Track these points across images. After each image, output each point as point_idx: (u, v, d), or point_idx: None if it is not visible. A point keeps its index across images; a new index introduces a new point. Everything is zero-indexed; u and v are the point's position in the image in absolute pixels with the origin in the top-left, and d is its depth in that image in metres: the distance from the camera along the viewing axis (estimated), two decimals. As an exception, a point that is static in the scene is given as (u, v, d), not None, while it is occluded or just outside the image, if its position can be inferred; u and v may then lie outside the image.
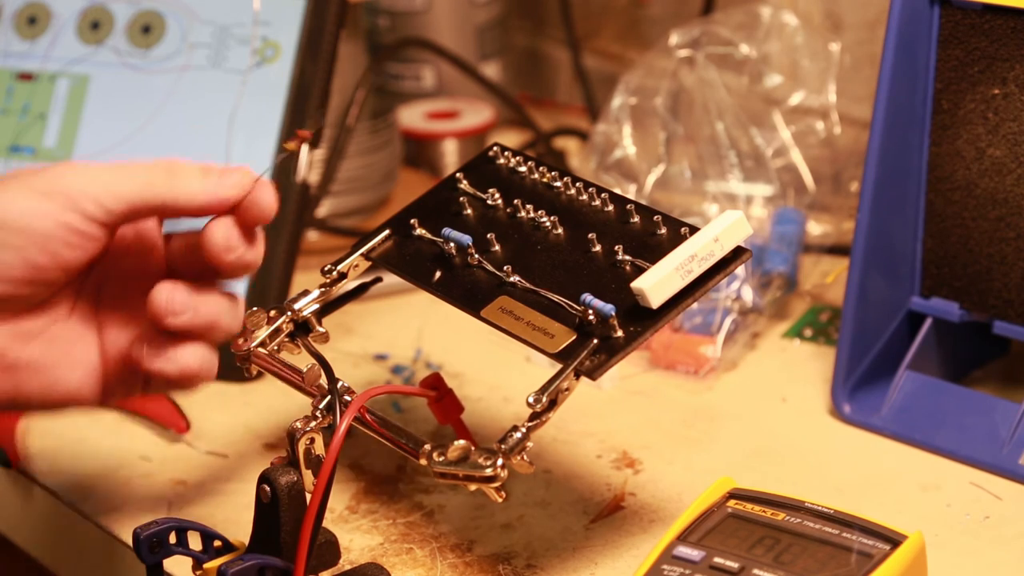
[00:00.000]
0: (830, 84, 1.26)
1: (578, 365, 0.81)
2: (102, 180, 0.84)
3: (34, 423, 1.04)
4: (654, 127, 1.29)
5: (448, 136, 1.38)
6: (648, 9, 1.49)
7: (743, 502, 0.82)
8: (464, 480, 0.80)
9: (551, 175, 0.92)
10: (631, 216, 0.88)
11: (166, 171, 0.85)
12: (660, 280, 0.82)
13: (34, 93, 1.18)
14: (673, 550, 0.79)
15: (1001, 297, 0.98)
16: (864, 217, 0.99)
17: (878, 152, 0.98)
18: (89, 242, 0.84)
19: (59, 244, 0.83)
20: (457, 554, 0.90)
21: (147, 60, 1.17)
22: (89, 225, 0.83)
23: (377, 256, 0.92)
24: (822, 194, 1.24)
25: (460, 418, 0.89)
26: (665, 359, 1.08)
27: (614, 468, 0.97)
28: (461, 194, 0.93)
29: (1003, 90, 0.95)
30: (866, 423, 1.00)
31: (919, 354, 1.01)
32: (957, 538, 0.89)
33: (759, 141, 1.25)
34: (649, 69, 1.29)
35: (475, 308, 0.86)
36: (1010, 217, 0.96)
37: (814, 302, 1.16)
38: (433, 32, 1.46)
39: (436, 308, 0.92)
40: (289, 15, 1.14)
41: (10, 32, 1.20)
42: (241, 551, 0.83)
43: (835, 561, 0.78)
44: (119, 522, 0.95)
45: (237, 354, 0.89)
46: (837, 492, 0.94)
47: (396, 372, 1.10)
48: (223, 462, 1.00)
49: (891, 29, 0.97)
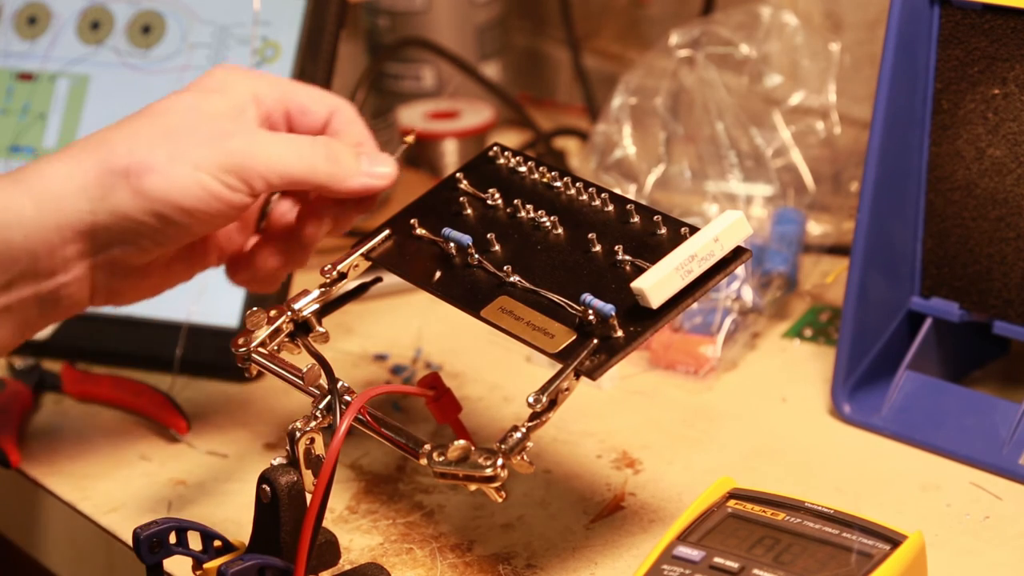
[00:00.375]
0: (830, 84, 1.26)
1: (578, 365, 0.81)
2: (269, 153, 0.88)
3: (34, 423, 1.04)
4: (654, 127, 1.29)
5: (448, 136, 1.38)
6: (648, 9, 1.49)
7: (743, 502, 0.82)
8: (464, 480, 0.80)
9: (551, 175, 0.92)
10: (631, 216, 0.88)
11: (327, 157, 0.90)
12: (660, 280, 0.82)
13: (34, 93, 1.18)
14: (673, 550, 0.79)
15: (1001, 297, 0.98)
16: (864, 217, 0.99)
17: (878, 152, 0.98)
18: (240, 211, 0.89)
19: (220, 219, 0.89)
20: (457, 554, 0.90)
21: (147, 60, 1.17)
22: (248, 199, 0.88)
23: (377, 256, 0.92)
24: (822, 194, 1.24)
25: (458, 417, 0.89)
26: (665, 359, 1.08)
27: (614, 468, 0.97)
28: (461, 194, 0.93)
29: (1003, 90, 0.95)
30: (866, 423, 1.00)
31: (919, 354, 1.01)
32: (957, 538, 0.89)
33: (759, 141, 1.25)
34: (649, 69, 1.29)
35: (475, 308, 0.86)
36: (1010, 217, 0.96)
37: (814, 302, 1.16)
38: (433, 32, 1.46)
39: (436, 308, 0.92)
40: (289, 15, 1.14)
41: (10, 32, 1.20)
42: (241, 551, 0.83)
43: (835, 561, 0.78)
44: (119, 522, 0.95)
45: (237, 354, 0.89)
46: (837, 492, 0.94)
47: (396, 372, 1.10)
48: (223, 462, 1.00)
49: (891, 29, 0.97)
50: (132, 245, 0.88)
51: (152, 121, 0.89)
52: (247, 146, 0.88)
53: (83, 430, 1.04)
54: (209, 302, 1.09)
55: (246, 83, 0.93)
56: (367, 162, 0.92)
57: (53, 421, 1.05)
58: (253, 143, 0.88)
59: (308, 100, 0.94)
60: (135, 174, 0.86)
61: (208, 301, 1.09)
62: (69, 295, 0.89)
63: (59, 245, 0.87)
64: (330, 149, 0.90)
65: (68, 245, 0.87)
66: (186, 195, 0.87)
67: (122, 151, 0.87)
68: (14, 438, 1.01)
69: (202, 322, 1.09)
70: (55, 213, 0.86)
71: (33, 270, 0.87)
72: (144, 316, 1.11)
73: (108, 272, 0.89)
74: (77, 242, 0.87)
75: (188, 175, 0.86)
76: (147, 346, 1.10)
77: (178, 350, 1.08)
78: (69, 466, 1.00)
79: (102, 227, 0.87)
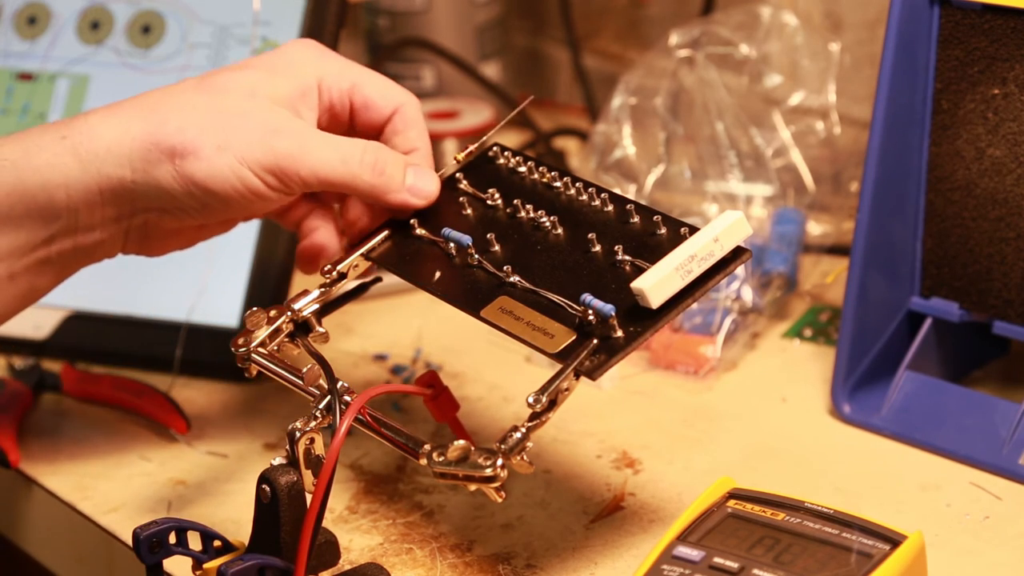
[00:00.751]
0: (830, 84, 1.26)
1: (578, 365, 0.81)
2: (314, 159, 0.88)
3: (34, 423, 1.04)
4: (654, 127, 1.29)
5: (448, 136, 1.38)
6: (648, 9, 1.49)
7: (743, 502, 0.82)
8: (464, 480, 0.80)
9: (551, 175, 0.92)
10: (631, 216, 0.88)
11: (373, 168, 0.90)
12: (660, 280, 0.82)
13: (34, 93, 1.18)
14: (673, 550, 0.79)
15: (1001, 297, 0.98)
16: (864, 217, 0.99)
17: (878, 152, 0.98)
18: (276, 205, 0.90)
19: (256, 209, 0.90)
20: (457, 554, 0.90)
21: (147, 60, 1.17)
22: (285, 197, 0.89)
23: (377, 256, 0.92)
24: (822, 194, 1.24)
25: (456, 416, 0.89)
26: (665, 359, 1.08)
27: (614, 468, 0.97)
28: (461, 194, 0.93)
29: (1003, 90, 0.95)
30: (866, 423, 1.00)
31: (919, 354, 1.01)
32: (957, 538, 0.89)
33: (759, 141, 1.25)
34: (649, 69, 1.29)
35: (475, 308, 0.86)
36: (1010, 217, 0.96)
37: (814, 302, 1.16)
38: (433, 32, 1.46)
39: (436, 308, 0.92)
40: (289, 15, 1.14)
41: (10, 32, 1.20)
42: (241, 551, 0.83)
43: (835, 561, 0.78)
44: (119, 522, 0.95)
45: (237, 354, 0.89)
46: (837, 492, 0.93)
47: (396, 372, 1.10)
48: (223, 462, 1.00)
49: (891, 29, 0.97)
50: (168, 214, 0.89)
51: (208, 99, 0.89)
52: (294, 148, 0.88)
53: (83, 430, 1.04)
54: (209, 302, 1.09)
55: (315, 67, 0.92)
56: (412, 176, 0.91)
57: (53, 421, 1.05)
58: (301, 145, 0.88)
59: (375, 94, 0.94)
60: (179, 154, 0.87)
61: (208, 301, 1.09)
62: (104, 248, 0.90)
63: (99, 205, 0.88)
64: (378, 159, 0.90)
65: (107, 206, 0.88)
66: (224, 185, 0.87)
67: (172, 127, 0.87)
68: (14, 438, 1.01)
69: (202, 322, 1.09)
70: (97, 175, 0.87)
71: (74, 226, 0.88)
72: (144, 316, 1.11)
73: (141, 231, 0.90)
74: (115, 204, 0.88)
75: (229, 167, 0.87)
76: (147, 346, 1.10)
77: (178, 350, 1.08)
78: (69, 466, 1.00)
79: (141, 194, 0.88)
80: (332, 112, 0.93)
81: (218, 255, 1.09)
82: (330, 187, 0.90)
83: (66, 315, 1.12)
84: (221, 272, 1.10)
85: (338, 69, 0.93)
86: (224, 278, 1.10)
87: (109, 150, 0.87)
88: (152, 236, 0.91)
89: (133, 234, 0.90)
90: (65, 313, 1.13)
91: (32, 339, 1.11)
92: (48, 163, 0.87)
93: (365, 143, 0.90)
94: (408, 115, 0.94)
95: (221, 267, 1.10)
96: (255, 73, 0.90)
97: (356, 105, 0.94)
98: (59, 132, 0.87)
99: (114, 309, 1.12)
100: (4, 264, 0.87)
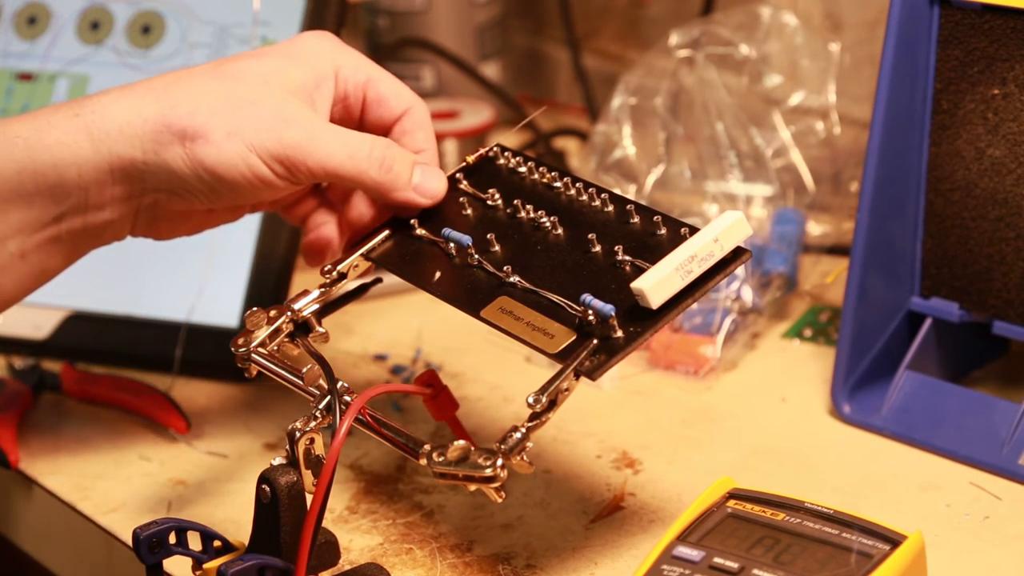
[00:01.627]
0: (830, 84, 1.26)
1: (578, 365, 0.81)
2: (323, 151, 0.89)
3: (34, 423, 1.04)
4: (654, 127, 1.29)
5: (448, 136, 1.38)
6: (648, 9, 1.49)
7: (743, 502, 0.82)
8: (464, 480, 0.80)
9: (551, 175, 0.92)
10: (631, 216, 0.88)
11: (381, 164, 0.90)
12: (660, 280, 0.82)
13: (34, 93, 1.18)
14: (673, 550, 0.79)
15: (1001, 297, 0.98)
16: (864, 217, 0.99)
17: (878, 152, 0.98)
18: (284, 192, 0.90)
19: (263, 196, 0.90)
20: (457, 554, 0.90)
21: (147, 60, 1.17)
22: (292, 186, 0.89)
23: (377, 256, 0.92)
24: (822, 194, 1.24)
25: (455, 415, 0.89)
26: (665, 359, 1.08)
27: (614, 468, 0.97)
28: (461, 194, 0.93)
29: (1003, 90, 0.95)
30: (866, 423, 1.00)
31: (919, 354, 1.01)
32: (957, 538, 0.89)
33: (759, 141, 1.25)
34: (649, 69, 1.29)
35: (475, 308, 0.86)
36: (1010, 217, 0.96)
37: (814, 302, 1.16)
38: (433, 32, 1.46)
39: (436, 308, 0.92)
40: (289, 15, 1.14)
41: (10, 32, 1.20)
42: (241, 551, 0.83)
43: (835, 561, 0.78)
44: (119, 522, 0.95)
45: (237, 354, 0.89)
46: (837, 492, 0.94)
47: (396, 372, 1.10)
48: (223, 462, 1.00)
49: (891, 29, 0.97)
50: (177, 196, 0.89)
51: (222, 85, 0.89)
52: (303, 139, 0.88)
53: (83, 430, 1.04)
54: (209, 302, 1.09)
55: (332, 57, 0.93)
56: (419, 175, 0.92)
57: (53, 421, 1.05)
58: (311, 136, 0.88)
59: (388, 92, 0.94)
60: (190, 137, 0.87)
61: (208, 301, 1.09)
62: (113, 228, 0.90)
63: (108, 184, 0.88)
64: (387, 155, 0.90)
65: (117, 185, 0.88)
66: (232, 171, 0.87)
67: (183, 111, 0.87)
68: (14, 438, 1.01)
69: (202, 322, 1.09)
70: (108, 155, 0.87)
71: (84, 204, 0.88)
72: (144, 316, 1.11)
73: (150, 212, 0.91)
74: (125, 183, 0.88)
75: (238, 153, 0.87)
76: (147, 346, 1.10)
77: (178, 350, 1.08)
78: (69, 466, 1.00)
79: (151, 175, 0.88)
80: (345, 104, 0.93)
81: (218, 255, 1.09)
82: (337, 180, 0.90)
83: (66, 315, 1.12)
84: (221, 272, 1.10)
85: (355, 62, 0.94)
86: (224, 278, 1.10)
87: (121, 130, 0.87)
88: (161, 218, 0.91)
89: (142, 215, 0.91)
90: (65, 313, 1.13)
91: (32, 339, 1.11)
92: (60, 141, 0.87)
93: (374, 139, 0.91)
94: (418, 117, 0.95)
95: (221, 267, 1.10)
96: (271, 61, 0.91)
97: (369, 100, 0.94)
98: (72, 111, 0.88)
99: (114, 309, 1.12)
100: (15, 241, 0.88)
